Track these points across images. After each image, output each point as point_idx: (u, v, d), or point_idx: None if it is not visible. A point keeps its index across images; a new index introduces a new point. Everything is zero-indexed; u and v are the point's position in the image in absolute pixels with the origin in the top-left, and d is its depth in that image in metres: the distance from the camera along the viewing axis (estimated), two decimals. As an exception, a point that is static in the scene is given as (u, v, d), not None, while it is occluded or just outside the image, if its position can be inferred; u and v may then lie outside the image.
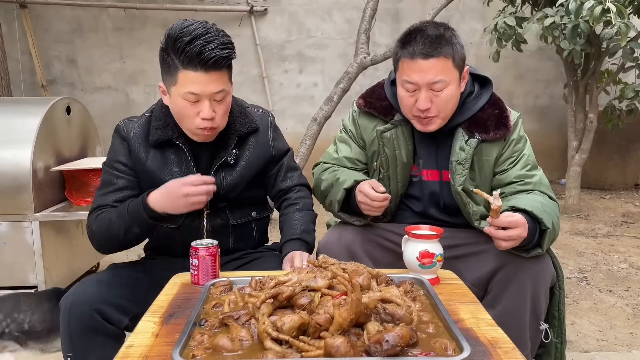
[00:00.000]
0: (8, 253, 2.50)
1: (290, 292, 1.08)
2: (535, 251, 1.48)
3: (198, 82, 1.42)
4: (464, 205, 1.63)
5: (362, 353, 0.95)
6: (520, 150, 1.65)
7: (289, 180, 1.74)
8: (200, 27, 1.41)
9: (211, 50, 1.39)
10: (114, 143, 1.61)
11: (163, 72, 1.49)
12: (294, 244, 1.60)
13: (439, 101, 1.54)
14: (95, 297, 1.40)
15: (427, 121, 1.57)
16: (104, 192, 1.57)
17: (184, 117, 1.48)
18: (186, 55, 1.39)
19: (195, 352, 0.98)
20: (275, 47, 5.58)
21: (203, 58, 1.39)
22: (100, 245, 1.55)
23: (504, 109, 1.65)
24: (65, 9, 5.43)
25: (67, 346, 1.40)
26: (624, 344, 2.28)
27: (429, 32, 1.52)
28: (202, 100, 1.44)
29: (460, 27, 5.57)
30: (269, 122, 1.70)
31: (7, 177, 2.46)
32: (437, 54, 1.50)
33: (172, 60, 1.43)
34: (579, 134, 4.38)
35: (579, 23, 3.49)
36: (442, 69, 1.52)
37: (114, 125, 1.63)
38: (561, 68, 4.70)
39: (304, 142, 4.09)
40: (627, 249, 3.58)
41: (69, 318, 1.38)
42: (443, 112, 1.57)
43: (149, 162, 1.57)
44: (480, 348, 1.03)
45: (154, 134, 1.57)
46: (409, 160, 1.68)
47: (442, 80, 1.52)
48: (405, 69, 1.55)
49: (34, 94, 5.40)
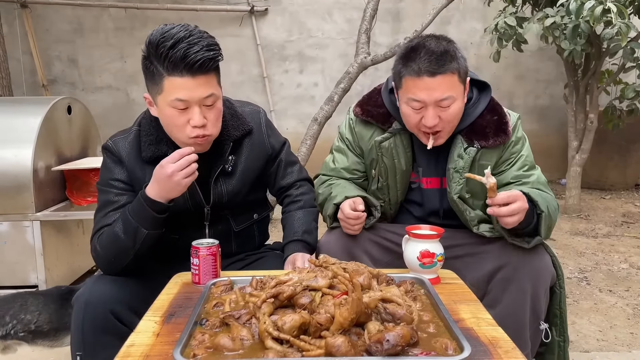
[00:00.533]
0: (9, 252, 2.50)
1: (291, 291, 1.08)
2: (535, 240, 1.48)
3: (185, 88, 1.35)
4: (461, 213, 1.63)
5: (363, 352, 0.96)
6: (518, 151, 1.64)
7: (289, 177, 1.72)
8: (182, 30, 1.34)
9: (196, 53, 1.32)
10: (107, 162, 1.54)
11: (147, 82, 1.41)
12: (295, 246, 1.59)
13: (447, 116, 1.51)
14: (110, 298, 1.38)
15: (436, 136, 1.55)
16: (104, 212, 1.49)
17: (174, 127, 1.41)
18: (170, 61, 1.32)
19: (196, 351, 0.99)
20: (275, 47, 5.59)
21: (188, 62, 1.32)
22: (108, 263, 1.45)
23: (503, 115, 1.63)
24: (66, 9, 5.43)
25: (77, 344, 1.38)
26: (624, 344, 2.28)
27: (433, 48, 1.47)
28: (191, 106, 1.37)
29: (461, 27, 5.58)
30: (261, 119, 1.65)
31: (8, 177, 2.47)
32: (444, 70, 1.46)
33: (155, 67, 1.36)
34: (580, 134, 4.38)
35: (580, 23, 3.49)
36: (450, 86, 1.48)
37: (115, 125, 1.62)
38: (562, 68, 4.70)
39: (304, 142, 4.09)
40: (627, 249, 3.58)
41: (83, 317, 1.36)
42: (449, 126, 1.55)
43: (147, 178, 1.46)
44: (480, 348, 1.03)
45: (147, 151, 1.50)
46: (407, 169, 1.67)
47: (450, 96, 1.49)
48: (411, 87, 1.50)
49: (34, 93, 5.40)
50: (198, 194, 1.55)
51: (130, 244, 1.41)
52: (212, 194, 1.57)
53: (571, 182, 4.44)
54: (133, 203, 1.43)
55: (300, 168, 1.76)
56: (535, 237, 1.49)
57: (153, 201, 1.38)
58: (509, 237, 1.51)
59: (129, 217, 1.41)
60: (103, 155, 1.57)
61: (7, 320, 1.62)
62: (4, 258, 2.50)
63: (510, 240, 1.52)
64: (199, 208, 1.57)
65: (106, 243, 1.44)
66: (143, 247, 1.42)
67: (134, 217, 1.40)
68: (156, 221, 1.41)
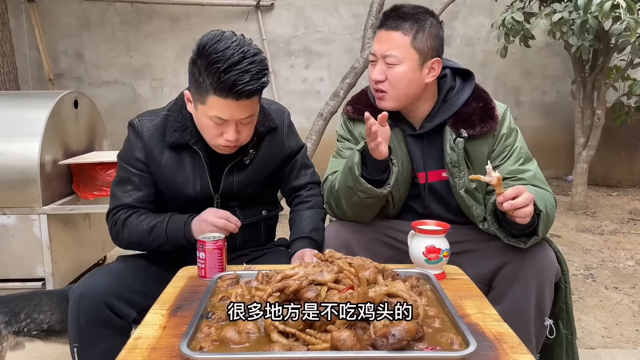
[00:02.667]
0: (16, 246, 2.52)
1: (296, 285, 1.08)
2: (532, 240, 1.47)
3: (227, 109, 1.37)
4: (468, 209, 1.62)
5: (368, 347, 0.96)
6: (512, 144, 1.63)
7: (301, 178, 1.73)
8: (236, 53, 1.32)
9: (246, 84, 1.32)
10: (130, 138, 1.59)
11: (191, 86, 1.43)
12: (303, 242, 1.60)
13: (390, 76, 1.55)
14: (105, 290, 1.41)
15: (380, 96, 1.59)
16: (123, 190, 1.58)
17: (208, 134, 1.47)
18: (220, 83, 1.33)
19: (203, 344, 0.99)
20: (281, 42, 5.58)
21: (237, 90, 1.33)
22: (126, 244, 1.59)
23: (489, 101, 1.62)
24: (72, 3, 5.44)
25: (74, 337, 1.41)
26: (629, 341, 2.28)
27: (403, 10, 1.55)
28: (229, 123, 1.41)
29: (468, 23, 5.55)
30: (285, 119, 1.68)
31: (15, 171, 2.48)
32: (397, 27, 1.53)
33: (203, 80, 1.36)
34: (587, 130, 4.35)
35: (588, 19, 3.47)
36: (397, 44, 1.53)
37: (121, 119, 1.64)
38: (569, 64, 4.67)
39: (309, 137, 4.10)
40: (633, 246, 3.56)
41: (77, 310, 1.39)
42: (394, 91, 1.56)
43: (164, 162, 1.55)
44: (486, 343, 1.03)
45: (171, 136, 1.54)
46: (406, 165, 1.65)
47: (394, 55, 1.53)
48: (374, 40, 1.60)
49: (41, 88, 5.42)
50: (208, 186, 1.57)
51: (151, 246, 1.55)
52: (223, 182, 1.58)
53: (578, 178, 4.42)
54: (173, 223, 1.52)
55: (314, 172, 1.78)
56: (533, 237, 1.47)
57: (190, 233, 1.49)
58: (506, 237, 1.51)
59: (164, 233, 1.51)
60: (128, 132, 1.61)
61: (21, 317, 1.65)
62: (11, 251, 2.52)
63: (507, 241, 1.51)
64: (207, 197, 1.59)
65: (130, 232, 1.54)
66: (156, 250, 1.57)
67: (168, 235, 1.51)
68: (182, 246, 1.51)
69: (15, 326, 1.64)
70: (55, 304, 1.70)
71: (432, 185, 1.67)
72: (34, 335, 1.67)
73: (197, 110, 1.45)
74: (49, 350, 2.07)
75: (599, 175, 5.19)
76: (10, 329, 1.64)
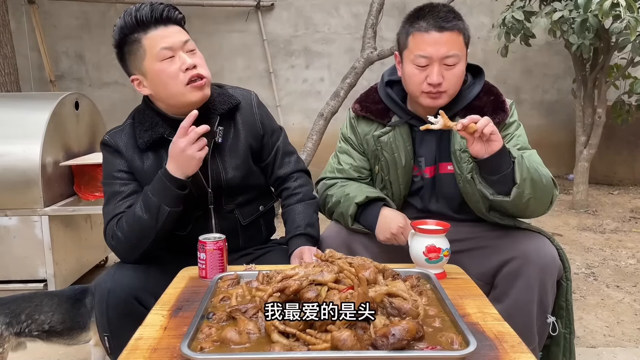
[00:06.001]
0: (18, 247, 2.53)
1: (297, 285, 1.08)
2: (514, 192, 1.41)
3: (164, 36, 1.47)
4: (472, 195, 1.58)
5: (369, 346, 0.96)
6: (512, 132, 1.63)
7: (286, 167, 1.73)
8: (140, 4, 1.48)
9: (159, 6, 1.48)
10: (107, 157, 1.59)
11: (130, 62, 1.53)
12: (300, 240, 1.60)
13: (450, 76, 1.53)
14: (133, 284, 1.43)
15: (437, 95, 1.55)
16: (114, 203, 1.54)
17: (169, 80, 1.48)
18: (142, 19, 1.46)
19: (204, 344, 0.99)
20: (282, 42, 5.58)
21: (155, 14, 1.46)
22: (130, 247, 1.49)
23: (499, 95, 1.64)
24: (73, 5, 5.45)
25: (103, 327, 1.44)
26: (631, 340, 2.27)
27: (440, 8, 1.54)
28: (176, 54, 1.47)
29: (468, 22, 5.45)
30: (252, 99, 1.68)
31: (16, 172, 2.49)
32: (451, 27, 1.51)
33: (133, 40, 1.48)
34: (588, 129, 4.35)
35: (588, 17, 3.46)
36: (456, 43, 1.52)
37: (122, 120, 1.64)
38: (570, 62, 4.66)
39: (310, 137, 4.09)
40: (635, 244, 3.56)
41: (106, 304, 1.41)
42: (452, 89, 1.56)
43: (147, 168, 1.55)
44: (486, 342, 1.03)
45: (143, 137, 1.54)
46: (408, 162, 1.66)
47: (456, 54, 1.52)
48: (419, 43, 1.52)
49: (42, 89, 5.43)
50: (199, 176, 1.56)
51: (152, 222, 1.45)
52: (210, 171, 1.58)
53: (579, 177, 4.41)
54: (153, 183, 1.48)
55: (298, 159, 1.77)
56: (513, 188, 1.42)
57: (173, 177, 1.44)
58: (492, 194, 1.46)
59: (150, 196, 1.46)
60: (102, 152, 1.62)
61: (22, 318, 1.66)
62: (13, 252, 2.53)
63: (493, 197, 1.46)
64: (202, 192, 1.59)
65: (127, 226, 1.48)
66: (165, 226, 1.47)
67: (155, 195, 1.45)
68: (177, 197, 1.46)
69: (17, 327, 1.65)
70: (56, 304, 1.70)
71: (439, 177, 1.67)
72: (35, 336, 1.68)
73: (146, 71, 1.50)
74: (51, 351, 2.08)
75: (600, 173, 5.19)
76: (11, 330, 1.65)
